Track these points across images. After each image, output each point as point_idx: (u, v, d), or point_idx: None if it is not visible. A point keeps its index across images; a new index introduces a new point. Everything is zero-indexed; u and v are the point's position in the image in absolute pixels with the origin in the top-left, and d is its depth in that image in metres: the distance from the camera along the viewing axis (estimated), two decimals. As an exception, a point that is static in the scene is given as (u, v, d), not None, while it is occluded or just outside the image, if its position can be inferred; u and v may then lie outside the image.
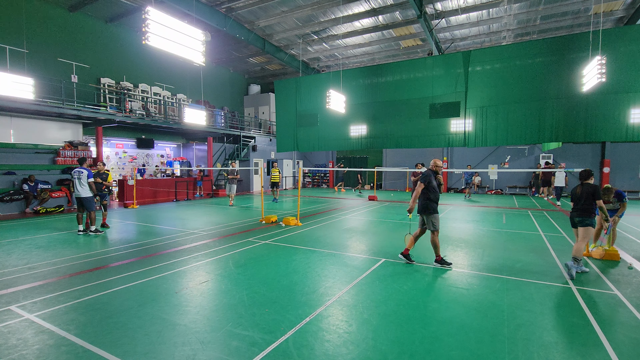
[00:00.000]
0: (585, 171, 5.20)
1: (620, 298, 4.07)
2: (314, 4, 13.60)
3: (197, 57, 7.82)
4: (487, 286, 4.48)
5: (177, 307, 3.76)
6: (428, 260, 5.65)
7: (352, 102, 12.45)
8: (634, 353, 2.88)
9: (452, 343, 3.04)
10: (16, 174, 11.39)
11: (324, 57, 19.66)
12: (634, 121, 8.73)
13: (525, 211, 11.99)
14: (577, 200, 5.11)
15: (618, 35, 8.85)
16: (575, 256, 4.88)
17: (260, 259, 5.71)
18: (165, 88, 18.12)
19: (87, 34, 14.88)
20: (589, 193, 4.96)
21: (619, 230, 8.05)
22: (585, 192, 5.02)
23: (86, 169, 7.64)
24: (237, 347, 2.92)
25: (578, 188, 5.17)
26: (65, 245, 6.71)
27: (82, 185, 7.56)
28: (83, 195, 7.57)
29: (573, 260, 4.88)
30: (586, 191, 5.01)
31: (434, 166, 5.40)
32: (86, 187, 7.60)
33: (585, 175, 5.17)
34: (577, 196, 5.12)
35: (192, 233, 7.90)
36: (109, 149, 16.14)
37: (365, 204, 14.31)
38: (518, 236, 7.70)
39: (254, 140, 20.30)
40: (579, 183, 5.22)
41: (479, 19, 14.46)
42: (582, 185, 5.12)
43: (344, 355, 2.83)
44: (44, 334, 3.15)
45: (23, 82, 9.82)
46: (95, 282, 4.57)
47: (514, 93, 9.95)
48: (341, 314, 3.63)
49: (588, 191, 4.98)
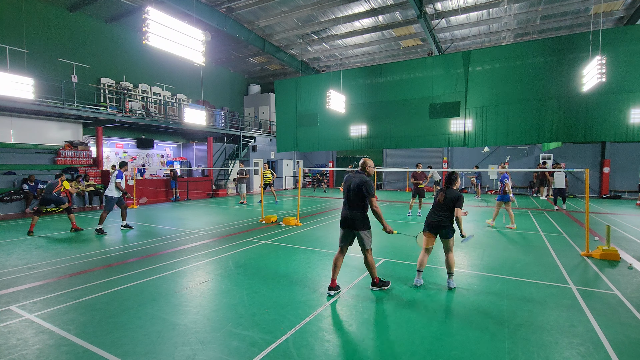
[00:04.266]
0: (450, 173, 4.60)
1: (620, 298, 4.07)
2: (314, 4, 13.59)
3: (197, 57, 7.82)
4: (487, 286, 4.48)
5: (177, 307, 3.76)
6: (428, 261, 5.64)
7: (352, 102, 12.45)
8: (634, 353, 2.88)
9: (452, 343, 3.04)
10: (16, 174, 11.39)
11: (324, 57, 19.65)
12: (634, 121, 8.72)
13: (525, 211, 11.98)
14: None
15: (618, 35, 8.85)
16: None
17: (260, 259, 5.71)
18: (165, 88, 18.11)
19: (87, 34, 14.88)
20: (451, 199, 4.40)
21: (617, 229, 8.05)
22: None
23: (119, 170, 8.16)
24: (237, 347, 2.92)
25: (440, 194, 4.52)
26: (65, 245, 6.71)
27: (111, 183, 8.09)
28: (105, 193, 8.16)
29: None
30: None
31: (367, 167, 4.19)
32: (111, 185, 8.05)
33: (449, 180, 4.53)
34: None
35: (192, 233, 7.90)
36: (109, 149, 16.13)
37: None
38: (518, 236, 7.70)
39: (254, 140, 20.30)
40: (442, 188, 4.57)
41: (479, 19, 14.46)
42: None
43: (344, 355, 2.83)
44: (44, 334, 3.15)
45: (23, 82, 9.83)
46: (95, 282, 4.57)
47: (514, 93, 9.94)
48: (341, 314, 3.63)
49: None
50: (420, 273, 4.54)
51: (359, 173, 4.16)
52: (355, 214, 4.05)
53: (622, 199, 16.82)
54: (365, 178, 4.06)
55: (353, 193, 4.06)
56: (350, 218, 4.07)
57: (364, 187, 4.01)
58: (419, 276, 4.53)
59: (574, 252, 6.27)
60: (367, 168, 4.19)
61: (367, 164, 4.21)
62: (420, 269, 4.54)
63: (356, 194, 4.04)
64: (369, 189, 4.00)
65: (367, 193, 4.00)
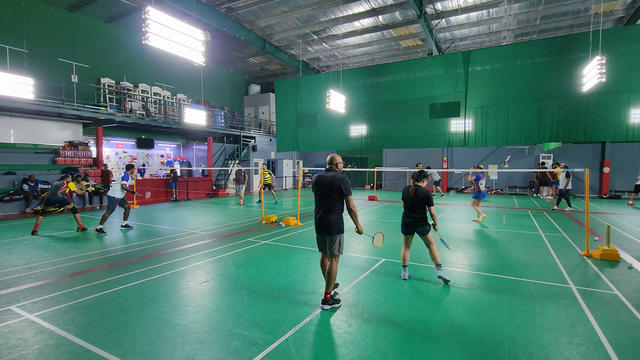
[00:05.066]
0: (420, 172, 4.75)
1: (620, 298, 4.07)
2: (314, 4, 13.59)
3: (197, 57, 7.82)
4: (487, 286, 4.48)
5: (177, 307, 3.76)
6: (428, 261, 5.65)
7: (352, 102, 12.45)
8: (634, 353, 2.88)
9: (452, 343, 3.04)
10: (16, 174, 11.39)
11: (324, 57, 19.65)
12: (634, 121, 8.72)
13: (525, 211, 11.98)
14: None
15: (618, 35, 8.85)
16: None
17: (260, 259, 5.71)
18: (165, 88, 18.11)
19: (87, 34, 14.88)
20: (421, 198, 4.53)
21: (617, 229, 8.05)
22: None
23: (125, 172, 8.26)
24: (237, 347, 2.92)
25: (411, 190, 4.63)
26: (65, 245, 6.71)
27: (115, 184, 8.18)
28: (108, 194, 8.20)
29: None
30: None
31: (339, 163, 3.90)
32: (115, 186, 8.12)
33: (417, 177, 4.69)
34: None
35: (192, 233, 7.90)
36: (109, 149, 16.13)
37: (366, 204, 14.31)
38: (518, 236, 7.70)
39: (254, 140, 20.30)
40: (413, 183, 4.66)
41: (479, 19, 14.46)
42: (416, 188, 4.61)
43: (344, 355, 2.83)
44: (44, 334, 3.15)
45: (23, 82, 9.83)
46: (95, 282, 4.57)
47: (514, 93, 9.95)
48: (341, 314, 3.63)
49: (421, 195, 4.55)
50: (405, 268, 4.82)
51: (329, 171, 3.81)
52: (331, 217, 3.68)
53: (622, 199, 16.81)
54: (340, 175, 3.74)
55: (329, 193, 3.70)
56: (325, 221, 3.70)
57: (342, 185, 3.66)
58: (405, 271, 4.82)
59: (574, 252, 6.27)
60: (339, 165, 3.89)
61: (337, 160, 3.88)
62: (405, 264, 4.83)
63: (332, 194, 3.69)
64: (347, 187, 3.67)
65: (345, 191, 3.66)
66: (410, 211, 4.64)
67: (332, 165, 3.86)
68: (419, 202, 4.56)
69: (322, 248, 3.87)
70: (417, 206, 4.59)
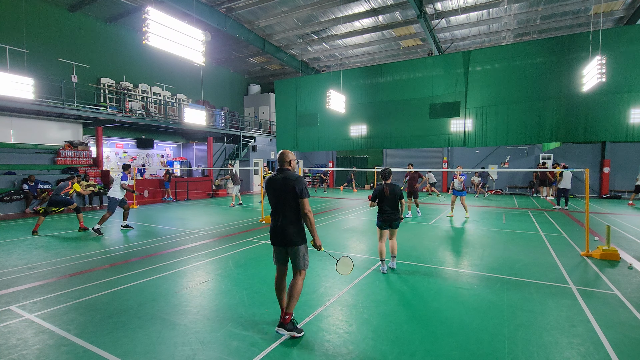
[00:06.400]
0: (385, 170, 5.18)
1: (620, 298, 4.07)
2: (314, 4, 13.59)
3: (197, 57, 7.82)
4: (487, 286, 4.48)
5: (177, 307, 3.76)
6: (428, 261, 5.65)
7: (352, 102, 12.44)
8: (634, 353, 2.88)
9: (452, 343, 3.04)
10: (16, 174, 11.39)
11: (324, 57, 19.65)
12: (634, 121, 8.71)
13: (525, 211, 11.98)
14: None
15: (618, 35, 8.84)
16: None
17: (260, 259, 5.71)
18: (165, 88, 18.12)
19: (87, 34, 14.88)
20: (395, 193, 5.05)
21: (617, 229, 8.05)
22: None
23: (124, 173, 8.26)
24: (237, 347, 2.92)
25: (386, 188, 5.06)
26: (65, 245, 6.71)
27: (115, 185, 8.13)
28: (108, 195, 8.17)
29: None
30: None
31: (291, 160, 3.27)
32: (115, 187, 8.11)
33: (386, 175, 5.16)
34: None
35: (192, 233, 7.90)
36: (109, 149, 16.13)
37: (365, 204, 14.31)
38: (518, 236, 7.70)
39: (254, 140, 20.31)
40: (385, 182, 5.13)
41: (479, 19, 14.46)
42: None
43: (344, 355, 2.83)
44: (44, 334, 3.15)
45: (23, 82, 9.83)
46: (95, 282, 4.57)
47: (514, 93, 9.94)
48: (341, 314, 3.63)
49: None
50: (383, 262, 5.13)
51: (281, 171, 3.21)
52: (287, 225, 3.10)
53: (622, 199, 16.81)
54: (293, 175, 3.15)
55: (284, 197, 3.12)
56: (280, 231, 3.11)
57: (296, 185, 3.07)
58: (383, 264, 5.11)
59: (574, 252, 6.27)
60: (292, 162, 3.26)
61: (288, 156, 3.24)
62: (382, 258, 5.13)
63: (287, 197, 3.10)
64: (301, 187, 3.08)
65: (299, 193, 3.07)
66: (389, 207, 5.08)
67: (283, 164, 3.24)
68: (394, 198, 5.04)
69: (282, 261, 3.25)
70: (394, 202, 5.06)
